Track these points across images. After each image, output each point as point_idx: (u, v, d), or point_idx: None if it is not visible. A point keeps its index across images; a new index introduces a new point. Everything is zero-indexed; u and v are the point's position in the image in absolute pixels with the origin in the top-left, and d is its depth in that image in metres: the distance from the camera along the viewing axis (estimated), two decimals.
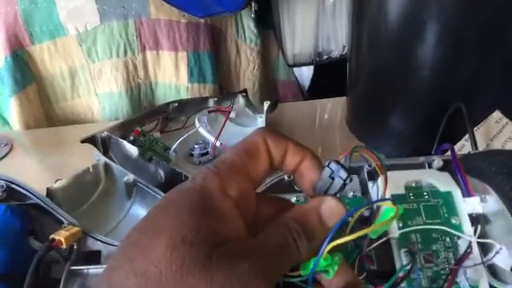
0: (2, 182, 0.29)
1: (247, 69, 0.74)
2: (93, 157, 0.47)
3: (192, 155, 0.52)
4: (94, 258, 0.27)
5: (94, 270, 0.26)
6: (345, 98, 0.63)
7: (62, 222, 0.28)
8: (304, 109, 0.69)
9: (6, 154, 0.57)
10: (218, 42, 0.71)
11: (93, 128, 0.62)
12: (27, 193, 0.29)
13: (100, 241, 0.28)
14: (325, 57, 0.74)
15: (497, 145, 0.37)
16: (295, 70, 0.80)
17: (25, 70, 0.61)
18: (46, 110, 0.65)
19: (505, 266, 0.22)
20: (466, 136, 0.39)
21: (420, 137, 0.49)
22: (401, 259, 0.24)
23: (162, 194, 0.41)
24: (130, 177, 0.44)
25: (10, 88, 0.61)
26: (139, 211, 0.43)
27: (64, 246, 0.26)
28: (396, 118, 0.51)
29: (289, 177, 0.30)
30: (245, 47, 0.72)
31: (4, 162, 0.57)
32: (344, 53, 0.74)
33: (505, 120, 0.38)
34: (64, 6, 0.59)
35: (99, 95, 0.65)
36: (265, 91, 0.77)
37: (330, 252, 0.18)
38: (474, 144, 0.37)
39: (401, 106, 0.50)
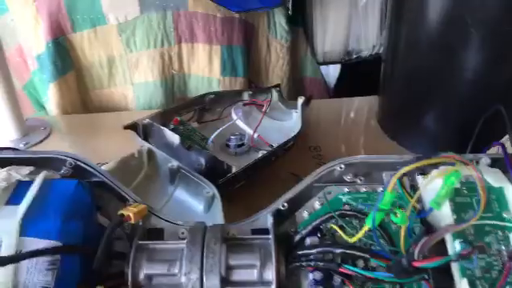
0: (70, 160, 0.30)
1: (276, 65, 0.75)
2: (128, 142, 0.49)
3: (228, 146, 0.53)
4: (157, 235, 0.29)
5: (159, 245, 0.27)
6: (372, 96, 0.65)
7: (126, 201, 0.30)
8: (331, 106, 0.70)
9: (45, 138, 0.59)
10: (250, 37, 0.72)
11: (127, 116, 0.64)
12: (93, 170, 0.30)
13: (164, 219, 0.30)
14: (354, 56, 0.75)
15: None
16: (322, 68, 0.81)
17: (65, 57, 0.63)
18: (82, 97, 0.67)
19: None
20: (505, 137, 0.40)
21: (454, 138, 0.50)
22: (454, 247, 0.25)
23: (206, 181, 0.42)
24: (174, 163, 0.45)
25: (50, 74, 0.63)
26: (183, 196, 0.44)
27: (133, 221, 0.27)
28: (431, 118, 0.52)
29: (340, 168, 0.32)
30: (275, 43, 0.74)
31: (43, 145, 0.59)
32: (373, 53, 0.75)
33: None
34: None
35: (135, 85, 0.66)
36: (292, 88, 0.78)
37: None
38: None
39: (436, 107, 0.51)
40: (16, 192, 0.27)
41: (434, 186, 0.27)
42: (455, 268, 0.25)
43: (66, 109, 0.65)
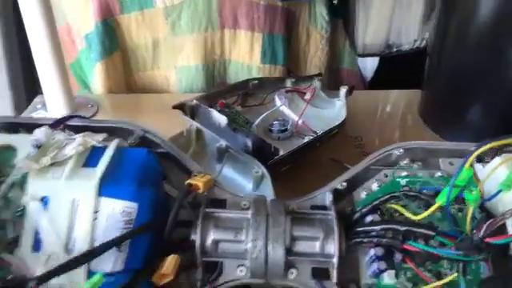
0: (139, 130, 0.32)
1: (315, 55, 0.76)
2: (173, 122, 0.50)
3: (271, 131, 0.54)
4: (220, 205, 0.30)
5: (225, 214, 0.29)
6: (411, 90, 0.65)
7: (190, 172, 0.31)
8: (370, 98, 0.70)
9: (93, 115, 0.61)
10: (291, 26, 0.73)
11: (169, 98, 0.65)
12: (160, 142, 0.32)
13: (227, 191, 0.31)
14: (394, 49, 0.75)
15: None
16: (359, 60, 0.81)
17: (112, 38, 0.65)
18: (126, 78, 0.69)
19: None
20: None
21: (497, 133, 0.50)
22: None
23: (253, 160, 0.43)
24: (223, 143, 0.46)
25: (97, 53, 0.65)
26: (230, 174, 0.45)
27: (201, 191, 0.29)
28: (475, 112, 0.52)
29: (399, 152, 0.32)
30: (315, 33, 0.74)
31: None
32: (414, 47, 0.74)
33: None
34: None
35: (177, 68, 0.68)
36: (328, 78, 0.79)
37: None
38: None
39: (482, 101, 0.51)
40: (92, 156, 0.28)
41: (495, 174, 0.27)
42: None
43: (110, 88, 0.67)
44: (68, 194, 0.26)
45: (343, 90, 0.58)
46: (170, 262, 0.26)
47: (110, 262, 0.25)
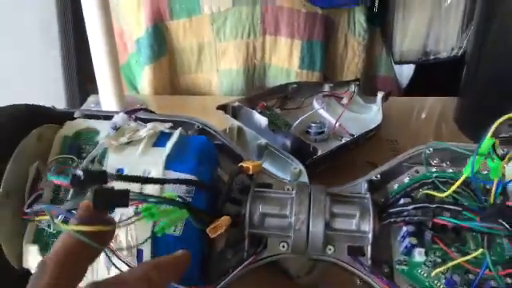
0: (198, 124, 0.37)
1: (352, 61, 0.80)
2: (218, 122, 0.55)
3: (308, 132, 0.58)
4: (267, 187, 0.35)
5: (270, 194, 0.33)
6: (447, 97, 0.68)
7: (241, 160, 0.36)
8: (405, 104, 0.74)
9: None
10: (330, 33, 0.78)
11: (211, 100, 0.71)
12: (216, 134, 0.37)
13: (272, 176, 0.36)
14: (432, 57, 0.78)
15: None
16: (395, 67, 0.85)
17: (161, 42, 0.72)
18: (172, 80, 0.75)
19: None
20: None
21: None
22: None
23: (292, 157, 0.48)
24: (263, 141, 0.51)
25: (146, 57, 0.72)
26: (270, 169, 0.50)
27: (251, 172, 0.34)
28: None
29: (429, 150, 0.36)
30: (353, 41, 0.79)
31: None
32: (452, 55, 0.77)
33: None
34: None
35: (220, 71, 0.74)
36: (365, 85, 0.83)
37: None
38: None
39: None
40: (160, 139, 0.34)
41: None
42: None
43: (157, 90, 0.74)
44: (141, 166, 0.32)
45: (379, 96, 0.62)
46: (224, 219, 0.31)
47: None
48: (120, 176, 0.28)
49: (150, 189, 0.30)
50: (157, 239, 0.30)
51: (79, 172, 0.26)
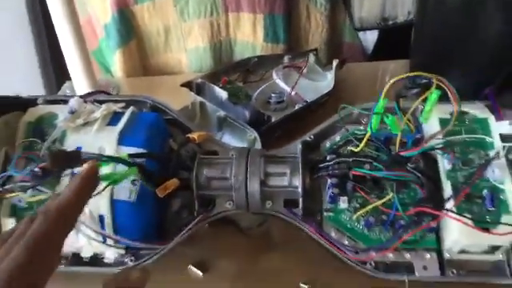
0: (150, 101, 0.41)
1: (316, 31, 0.83)
2: (184, 100, 0.59)
3: (269, 103, 0.62)
4: (213, 154, 0.39)
5: (216, 160, 0.38)
6: (402, 60, 0.71)
7: (190, 131, 0.40)
8: (367, 69, 0.77)
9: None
10: (291, 6, 0.80)
11: (183, 78, 0.74)
12: (167, 109, 0.41)
13: (218, 144, 0.40)
14: (390, 22, 0.81)
15: None
16: (360, 33, 0.87)
17: (128, 27, 0.74)
18: (143, 62, 0.78)
19: None
20: None
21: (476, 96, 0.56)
22: (443, 161, 0.33)
23: (249, 127, 0.52)
24: (222, 113, 0.55)
25: (115, 41, 0.74)
26: (229, 140, 0.54)
27: (197, 141, 0.38)
28: (455, 79, 0.58)
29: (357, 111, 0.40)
30: (315, 11, 0.81)
31: None
32: (409, 19, 0.80)
33: None
34: None
35: (188, 50, 0.77)
36: (331, 52, 0.85)
37: None
38: None
39: (460, 68, 0.57)
40: (113, 118, 0.38)
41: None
42: (443, 175, 0.33)
43: (129, 72, 0.77)
44: (96, 143, 0.36)
45: (334, 63, 0.65)
46: (171, 182, 0.35)
47: (127, 192, 0.35)
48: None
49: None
50: (115, 205, 0.34)
51: (52, 152, 0.30)
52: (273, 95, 0.62)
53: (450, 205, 0.32)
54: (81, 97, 0.39)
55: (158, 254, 0.36)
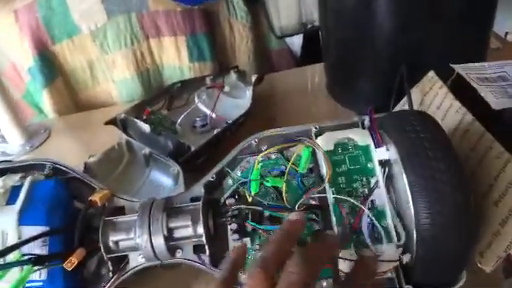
0: (49, 164, 0.39)
1: (241, 43, 0.82)
2: (115, 133, 0.57)
3: (195, 127, 0.61)
4: (120, 211, 0.38)
5: (119, 219, 0.36)
6: (320, 64, 0.71)
7: (94, 188, 0.39)
8: (292, 77, 0.77)
9: (47, 139, 0.69)
10: (213, 23, 0.78)
11: (113, 110, 0.72)
12: (67, 169, 0.39)
13: (123, 199, 0.39)
14: (309, 26, 0.80)
15: (427, 99, 0.45)
16: (287, 39, 0.86)
17: (51, 66, 0.72)
18: (73, 98, 0.76)
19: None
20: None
21: (382, 96, 0.57)
22: (330, 194, 0.33)
23: (172, 161, 0.51)
24: (147, 150, 0.54)
25: (40, 82, 0.72)
26: (156, 176, 0.53)
27: (99, 204, 0.36)
28: (362, 80, 0.59)
29: (255, 141, 0.39)
30: (237, 24, 0.80)
31: (46, 145, 0.68)
32: None
33: (436, 78, 0.45)
34: (76, 10, 0.68)
35: (115, 82, 0.75)
36: (260, 61, 0.85)
37: None
38: (410, 102, 0.45)
39: (364, 70, 0.58)
40: (11, 194, 0.36)
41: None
42: (331, 209, 0.33)
43: (60, 110, 0.74)
44: None
45: (253, 78, 0.64)
46: (77, 253, 0.34)
47: (36, 274, 0.34)
48: None
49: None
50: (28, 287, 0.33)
51: None
52: (197, 119, 0.61)
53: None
54: None
55: None
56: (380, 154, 0.34)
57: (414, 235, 0.30)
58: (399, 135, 0.32)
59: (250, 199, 0.34)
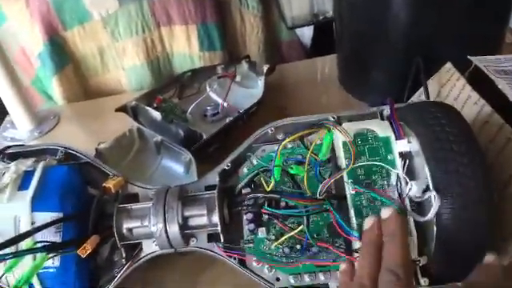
0: (62, 148, 0.38)
1: (252, 34, 0.80)
2: (125, 121, 0.56)
3: (206, 116, 0.60)
4: (134, 198, 0.37)
5: (134, 206, 0.36)
6: (332, 55, 0.69)
7: (109, 174, 0.38)
8: (303, 68, 0.75)
9: (56, 125, 0.68)
10: (224, 13, 0.77)
11: (123, 98, 0.71)
12: (80, 155, 0.38)
13: (137, 186, 0.38)
14: (321, 17, 0.79)
15: (445, 91, 0.44)
16: (297, 30, 0.85)
17: (61, 53, 0.70)
18: (83, 86, 0.74)
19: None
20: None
21: (396, 88, 0.56)
22: (348, 185, 0.32)
23: (184, 149, 0.50)
24: (158, 137, 0.53)
25: (50, 69, 0.70)
26: (168, 163, 0.52)
27: (113, 191, 0.35)
28: (376, 72, 0.58)
29: (271, 130, 0.38)
30: (248, 14, 0.78)
31: (55, 132, 0.67)
32: None
33: (453, 70, 0.44)
34: None
35: (125, 70, 0.73)
36: (270, 52, 0.83)
37: None
38: (426, 93, 0.43)
39: (378, 61, 0.56)
40: (24, 180, 0.35)
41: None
42: (349, 200, 0.32)
43: (69, 97, 0.73)
44: (10, 213, 0.33)
45: (264, 68, 0.63)
46: (91, 241, 0.33)
47: (49, 261, 0.33)
48: None
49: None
50: (41, 273, 0.32)
51: None
52: (208, 108, 0.60)
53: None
54: None
55: None
56: (401, 145, 0.33)
57: (435, 229, 0.29)
58: (423, 127, 0.31)
59: (270, 187, 0.33)
